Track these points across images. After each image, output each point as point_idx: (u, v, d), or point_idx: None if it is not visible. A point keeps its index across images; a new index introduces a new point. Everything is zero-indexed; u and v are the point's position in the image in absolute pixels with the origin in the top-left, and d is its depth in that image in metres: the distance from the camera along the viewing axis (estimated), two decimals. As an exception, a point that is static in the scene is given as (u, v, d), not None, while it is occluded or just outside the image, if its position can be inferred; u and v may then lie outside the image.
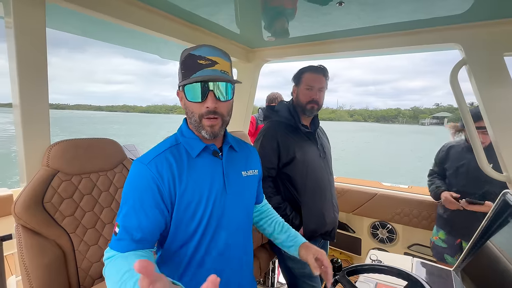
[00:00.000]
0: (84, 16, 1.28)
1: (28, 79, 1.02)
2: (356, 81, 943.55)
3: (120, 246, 0.67)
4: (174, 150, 0.76)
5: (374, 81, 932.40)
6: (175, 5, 1.37)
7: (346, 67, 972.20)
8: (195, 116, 0.74)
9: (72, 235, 1.08)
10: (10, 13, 0.96)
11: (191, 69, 0.71)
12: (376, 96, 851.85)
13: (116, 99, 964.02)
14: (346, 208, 2.50)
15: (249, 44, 2.07)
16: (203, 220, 0.75)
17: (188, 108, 0.76)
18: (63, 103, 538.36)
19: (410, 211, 2.21)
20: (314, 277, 1.42)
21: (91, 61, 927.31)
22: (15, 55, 0.97)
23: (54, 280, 0.99)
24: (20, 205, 0.95)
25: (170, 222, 0.74)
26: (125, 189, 0.71)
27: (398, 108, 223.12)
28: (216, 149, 0.80)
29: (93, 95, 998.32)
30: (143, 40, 1.96)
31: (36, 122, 1.07)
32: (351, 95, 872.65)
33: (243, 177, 0.87)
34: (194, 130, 0.79)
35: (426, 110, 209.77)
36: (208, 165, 0.79)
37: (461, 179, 1.71)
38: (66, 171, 1.09)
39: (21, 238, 0.96)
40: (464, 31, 1.33)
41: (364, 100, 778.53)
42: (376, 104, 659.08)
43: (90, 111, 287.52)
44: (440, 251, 1.82)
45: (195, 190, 0.74)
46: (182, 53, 0.76)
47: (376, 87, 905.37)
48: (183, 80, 0.72)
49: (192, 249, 0.76)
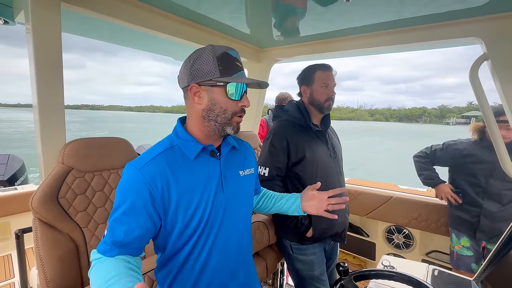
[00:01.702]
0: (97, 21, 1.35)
1: (45, 81, 1.09)
2: (384, 79, 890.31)
3: (105, 250, 0.68)
4: (169, 153, 0.75)
5: (405, 79, 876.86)
6: (187, 9, 1.40)
7: (373, 64, 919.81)
8: (227, 113, 0.74)
9: (84, 230, 1.13)
10: (29, 19, 1.03)
11: (231, 68, 0.73)
12: (406, 95, 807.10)
13: (145, 100, 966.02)
14: (359, 211, 2.42)
15: (259, 44, 2.06)
16: (201, 222, 0.75)
17: (220, 104, 0.73)
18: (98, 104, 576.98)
19: (428, 216, 2.10)
20: (322, 279, 1.39)
21: (123, 64, 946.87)
22: (34, 59, 1.04)
23: (67, 271, 1.05)
24: (37, 200, 1.02)
25: (164, 226, 0.73)
26: (118, 192, 0.70)
27: (424, 107, 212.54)
28: (214, 149, 0.80)
29: (125, 96, 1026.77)
30: (157, 42, 2.02)
31: (53, 122, 1.14)
32: (379, 93, 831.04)
33: (241, 176, 0.87)
34: (206, 128, 0.76)
35: (455, 109, 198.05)
36: (206, 166, 0.78)
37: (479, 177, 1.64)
38: (79, 168, 1.15)
39: (38, 231, 1.02)
40: (485, 24, 1.24)
41: (393, 98, 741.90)
42: (406, 103, 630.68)
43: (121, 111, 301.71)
44: (466, 262, 1.69)
45: (192, 193, 0.73)
46: (211, 48, 0.73)
47: (407, 85, 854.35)
48: (222, 76, 0.71)
49: (192, 251, 0.76)
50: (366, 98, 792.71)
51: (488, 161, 1.60)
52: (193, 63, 0.73)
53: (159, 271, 0.82)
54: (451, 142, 1.81)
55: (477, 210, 1.65)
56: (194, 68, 0.73)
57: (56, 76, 1.12)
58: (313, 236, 1.34)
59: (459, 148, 1.74)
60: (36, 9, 1.02)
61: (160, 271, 0.82)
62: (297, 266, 1.41)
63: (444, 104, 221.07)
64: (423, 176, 1.88)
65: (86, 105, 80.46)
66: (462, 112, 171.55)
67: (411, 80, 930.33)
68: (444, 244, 2.07)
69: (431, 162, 1.87)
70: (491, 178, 1.60)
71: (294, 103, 1.49)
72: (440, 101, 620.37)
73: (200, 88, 0.74)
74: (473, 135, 1.72)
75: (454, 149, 1.76)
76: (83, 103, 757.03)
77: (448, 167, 1.86)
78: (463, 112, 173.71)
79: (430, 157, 1.86)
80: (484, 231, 1.62)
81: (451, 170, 1.84)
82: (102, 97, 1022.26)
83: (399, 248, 2.33)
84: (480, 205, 1.64)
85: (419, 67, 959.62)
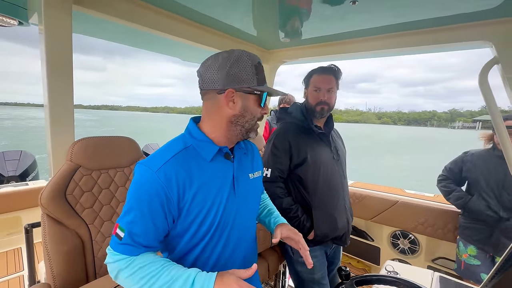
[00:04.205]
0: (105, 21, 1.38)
1: (55, 81, 1.12)
2: (402, 82, 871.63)
3: (129, 251, 0.68)
4: (184, 154, 0.73)
5: (424, 81, 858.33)
6: (198, 12, 1.43)
7: (390, 66, 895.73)
8: (254, 120, 0.78)
9: (90, 226, 1.16)
10: (42, 21, 1.06)
11: (263, 77, 0.77)
12: (426, 98, 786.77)
13: (160, 101, 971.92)
14: (364, 214, 2.40)
15: (266, 46, 2.07)
16: (212, 225, 0.75)
17: (251, 111, 0.76)
18: (117, 104, 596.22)
19: (435, 221, 2.06)
20: (323, 283, 1.38)
21: (140, 66, 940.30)
22: (45, 59, 1.08)
23: (72, 266, 1.08)
24: (45, 196, 1.05)
25: (176, 228, 0.74)
26: (132, 193, 0.69)
27: (434, 111, 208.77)
28: (228, 151, 0.80)
29: (141, 97, 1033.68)
30: (164, 44, 2.06)
31: (62, 121, 1.17)
32: (396, 96, 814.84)
33: (250, 179, 0.87)
34: (229, 132, 0.77)
35: (467, 113, 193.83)
36: (220, 169, 0.77)
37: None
38: (87, 166, 1.18)
39: (46, 226, 1.05)
40: (495, 27, 1.21)
41: (411, 102, 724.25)
42: (425, 107, 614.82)
43: (137, 111, 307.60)
44: (474, 271, 1.64)
45: (206, 196, 0.73)
46: (247, 55, 0.74)
47: (426, 88, 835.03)
48: (259, 85, 0.75)
49: (201, 253, 0.76)
50: (384, 101, 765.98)
51: (500, 172, 1.55)
52: (230, 67, 0.72)
53: None
54: (462, 154, 1.78)
55: (491, 223, 1.60)
56: (231, 73, 0.72)
57: (66, 76, 1.15)
58: (314, 238, 1.33)
59: (469, 160, 1.71)
60: (48, 11, 1.05)
61: None
62: (298, 268, 1.40)
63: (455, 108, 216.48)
64: (451, 200, 1.80)
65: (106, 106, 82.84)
66: (474, 116, 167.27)
67: (430, 82, 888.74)
68: (451, 250, 2.03)
69: (453, 182, 1.81)
70: (504, 190, 1.56)
71: (297, 105, 1.49)
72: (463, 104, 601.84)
73: (235, 94, 0.73)
74: (484, 144, 1.68)
75: (464, 161, 1.73)
76: (103, 103, 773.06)
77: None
78: (475, 116, 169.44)
79: (450, 177, 1.81)
80: (494, 244, 1.58)
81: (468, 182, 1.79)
82: (121, 98, 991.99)
83: (404, 254, 2.30)
84: (495, 218, 1.58)
85: (439, 69, 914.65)
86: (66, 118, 1.18)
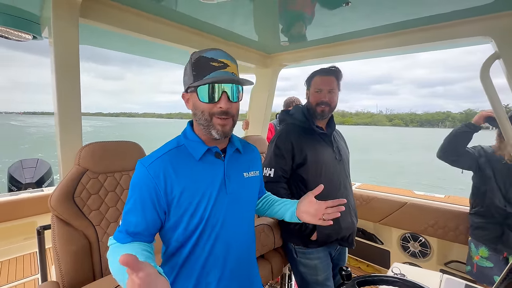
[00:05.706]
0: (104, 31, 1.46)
1: (64, 90, 1.19)
2: (420, 82, 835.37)
3: (119, 238, 0.75)
4: (175, 152, 0.79)
5: (443, 81, 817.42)
6: (196, 19, 1.48)
7: (406, 66, 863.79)
8: (205, 115, 0.76)
9: (97, 227, 1.20)
10: (51, 33, 1.13)
11: (204, 70, 0.74)
12: (445, 98, 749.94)
13: (175, 108, 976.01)
14: (372, 217, 2.35)
15: (266, 50, 2.11)
16: (203, 218, 0.78)
17: (199, 109, 0.77)
18: (134, 112, 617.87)
19: (446, 223, 1.99)
20: (327, 284, 1.36)
21: (157, 74, 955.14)
22: (54, 69, 1.15)
23: (80, 266, 1.12)
24: (55, 198, 1.10)
25: (168, 220, 0.77)
26: (130, 187, 0.77)
27: (448, 112, 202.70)
28: (219, 151, 0.83)
29: (158, 104, 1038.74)
30: (168, 51, 2.13)
31: (70, 127, 1.23)
32: (414, 97, 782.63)
33: (245, 178, 0.89)
34: (202, 131, 0.80)
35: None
36: (210, 167, 0.81)
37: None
38: (94, 169, 1.23)
39: (55, 227, 1.10)
40: (495, 22, 1.19)
41: (429, 102, 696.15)
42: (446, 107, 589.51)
43: (153, 118, 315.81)
44: (487, 274, 1.57)
45: (194, 190, 0.76)
46: (192, 56, 0.79)
47: (445, 88, 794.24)
48: (195, 81, 0.75)
49: (194, 248, 0.79)
50: (401, 102, 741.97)
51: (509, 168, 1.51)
52: (183, 74, 0.82)
53: (163, 266, 0.86)
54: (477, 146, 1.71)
55: (501, 219, 1.54)
56: (183, 79, 0.82)
57: (74, 85, 1.22)
58: (317, 239, 1.32)
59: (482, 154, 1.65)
60: (57, 23, 1.13)
61: (164, 267, 0.85)
62: (301, 270, 1.39)
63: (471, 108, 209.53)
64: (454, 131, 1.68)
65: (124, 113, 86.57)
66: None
67: (450, 82, 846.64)
68: (465, 254, 1.95)
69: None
70: (511, 186, 1.51)
71: (299, 106, 1.51)
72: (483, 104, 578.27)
73: (187, 95, 0.82)
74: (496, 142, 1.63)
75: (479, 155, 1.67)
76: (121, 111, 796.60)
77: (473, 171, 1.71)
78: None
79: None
80: (505, 243, 1.52)
81: (475, 177, 1.72)
82: (138, 105, 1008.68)
83: (415, 257, 2.23)
84: (503, 214, 1.53)
85: (458, 68, 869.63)
86: (74, 124, 1.25)
